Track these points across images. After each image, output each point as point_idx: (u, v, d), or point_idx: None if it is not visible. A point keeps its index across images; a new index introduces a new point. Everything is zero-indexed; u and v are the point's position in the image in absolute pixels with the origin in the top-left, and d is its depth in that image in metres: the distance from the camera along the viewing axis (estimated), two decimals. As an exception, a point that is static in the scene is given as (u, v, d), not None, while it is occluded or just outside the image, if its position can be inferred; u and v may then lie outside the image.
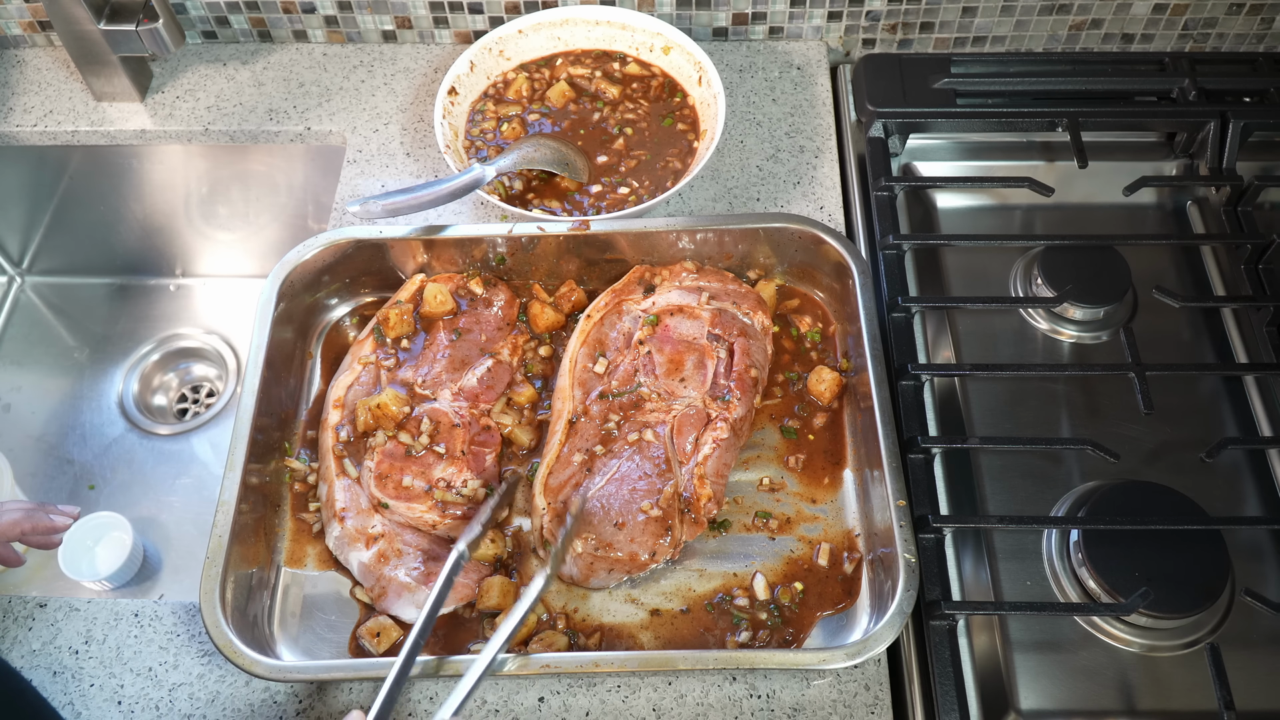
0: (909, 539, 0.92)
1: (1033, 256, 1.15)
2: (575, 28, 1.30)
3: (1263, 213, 1.19)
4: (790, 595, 0.98)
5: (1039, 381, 1.09)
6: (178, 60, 1.37)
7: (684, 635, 0.96)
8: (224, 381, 1.40)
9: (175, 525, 1.25)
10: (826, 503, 1.03)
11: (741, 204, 1.22)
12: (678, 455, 1.01)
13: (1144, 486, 0.99)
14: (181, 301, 1.47)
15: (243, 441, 1.00)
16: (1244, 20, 1.31)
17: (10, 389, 1.39)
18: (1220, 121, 1.21)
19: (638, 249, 1.13)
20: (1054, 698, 0.91)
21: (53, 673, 0.95)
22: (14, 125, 1.32)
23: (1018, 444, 1.03)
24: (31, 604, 0.99)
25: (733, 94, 1.31)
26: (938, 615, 0.91)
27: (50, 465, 1.32)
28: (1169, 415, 1.05)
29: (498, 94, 1.28)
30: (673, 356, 1.07)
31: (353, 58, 1.37)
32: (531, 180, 1.21)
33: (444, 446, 1.03)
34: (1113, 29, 1.33)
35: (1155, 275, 1.15)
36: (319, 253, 1.11)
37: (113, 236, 1.44)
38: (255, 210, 1.41)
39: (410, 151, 1.28)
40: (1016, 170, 1.21)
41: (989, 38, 1.35)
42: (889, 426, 0.98)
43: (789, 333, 1.14)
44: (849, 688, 0.92)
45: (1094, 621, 0.94)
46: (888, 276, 1.12)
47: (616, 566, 0.96)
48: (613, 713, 0.92)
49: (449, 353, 1.09)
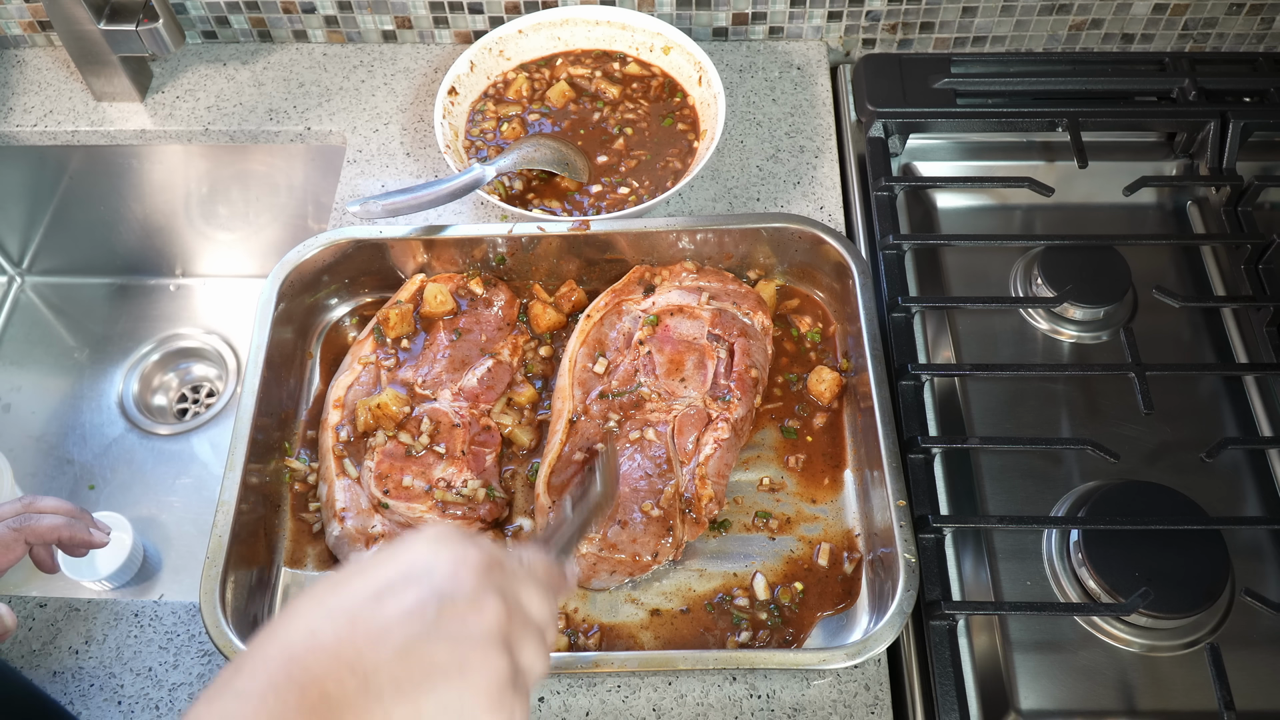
0: (909, 539, 0.92)
1: (1033, 256, 1.15)
2: (575, 28, 1.30)
3: (1263, 213, 1.19)
4: (790, 595, 0.98)
5: (1039, 381, 1.09)
6: (178, 60, 1.37)
7: (684, 635, 0.96)
8: (224, 381, 1.41)
9: (175, 525, 1.25)
10: (826, 503, 1.04)
11: (741, 204, 1.22)
12: (679, 455, 1.01)
13: (1144, 486, 0.99)
14: (181, 301, 1.47)
15: (243, 441, 1.00)
16: (1244, 20, 1.32)
17: (10, 389, 1.39)
18: (1220, 121, 1.21)
19: (638, 249, 1.13)
20: (1054, 698, 0.91)
21: (52, 673, 0.95)
22: (14, 125, 1.32)
23: (1018, 444, 1.03)
24: (31, 604, 0.99)
25: (733, 94, 1.31)
26: (938, 615, 0.91)
27: (50, 465, 1.32)
28: (1169, 415, 1.05)
29: (498, 94, 1.28)
30: (673, 356, 1.07)
31: (353, 58, 1.37)
32: (531, 180, 1.21)
33: (444, 446, 1.03)
34: (1113, 29, 1.33)
35: (1155, 275, 1.15)
36: (319, 253, 1.11)
37: (113, 236, 1.44)
38: (255, 210, 1.41)
39: (410, 151, 1.28)
40: (1016, 170, 1.21)
41: (989, 38, 1.35)
42: (889, 426, 0.98)
43: (789, 333, 1.14)
44: (849, 688, 0.93)
45: (1094, 621, 0.94)
46: (888, 276, 1.12)
47: (619, 568, 0.96)
48: (613, 713, 0.92)
49: (449, 353, 1.09)
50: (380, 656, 0.50)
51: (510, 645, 0.54)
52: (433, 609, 0.52)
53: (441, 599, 0.53)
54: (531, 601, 0.58)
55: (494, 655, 0.53)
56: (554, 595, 0.62)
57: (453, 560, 0.55)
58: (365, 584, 0.54)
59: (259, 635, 0.54)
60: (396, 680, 0.50)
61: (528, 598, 0.58)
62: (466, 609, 0.53)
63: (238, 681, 0.50)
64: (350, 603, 0.53)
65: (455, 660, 0.52)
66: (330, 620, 0.52)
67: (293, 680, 0.49)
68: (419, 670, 0.51)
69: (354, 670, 0.50)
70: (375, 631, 0.51)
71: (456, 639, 0.52)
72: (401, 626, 0.52)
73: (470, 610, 0.53)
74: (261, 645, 0.52)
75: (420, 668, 0.51)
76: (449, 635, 0.52)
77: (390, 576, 0.54)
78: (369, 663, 0.50)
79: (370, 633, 0.51)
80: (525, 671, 0.56)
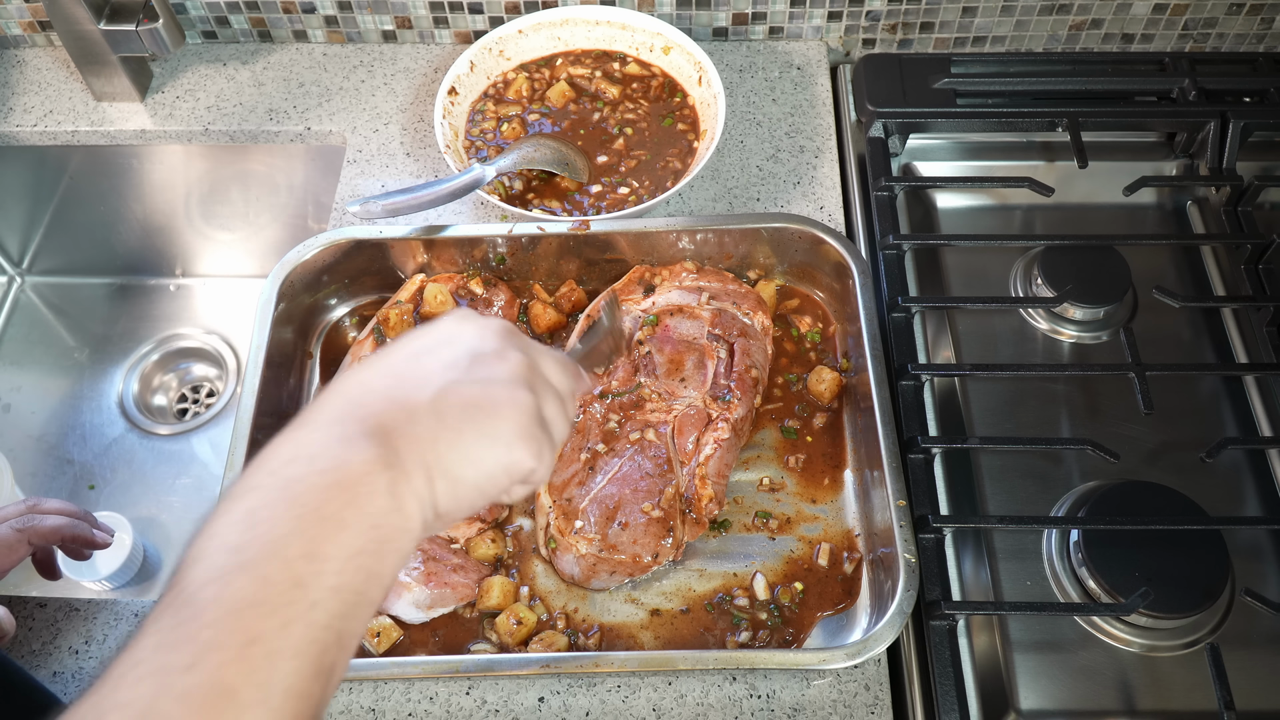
0: (909, 539, 0.92)
1: (1033, 256, 1.15)
2: (575, 28, 1.30)
3: (1263, 213, 1.19)
4: (790, 595, 0.98)
5: (1039, 381, 1.09)
6: (178, 60, 1.37)
7: (684, 635, 0.96)
8: (224, 381, 1.41)
9: (175, 525, 1.25)
10: (826, 503, 1.04)
11: (741, 204, 1.22)
12: (679, 455, 1.01)
13: (1144, 486, 0.99)
14: (181, 301, 1.47)
15: (243, 441, 0.99)
16: (1244, 20, 1.31)
17: (10, 389, 1.39)
18: (1220, 121, 1.21)
19: (638, 249, 1.13)
20: (1054, 698, 0.91)
21: (53, 673, 0.95)
22: (14, 125, 1.32)
23: (1018, 444, 1.03)
24: (31, 604, 0.99)
25: (733, 94, 1.31)
26: (938, 615, 0.91)
27: (50, 465, 1.32)
28: (1169, 415, 1.05)
29: (498, 94, 1.28)
30: (673, 356, 1.07)
31: (353, 58, 1.37)
32: (531, 180, 1.21)
33: (444, 446, 1.03)
34: (1113, 29, 1.33)
35: (1155, 275, 1.15)
36: (319, 253, 1.11)
37: (113, 236, 1.44)
38: (255, 210, 1.41)
39: (410, 151, 1.28)
40: (1016, 170, 1.21)
41: (989, 38, 1.35)
42: (889, 427, 0.98)
43: (789, 333, 1.14)
44: (849, 688, 0.93)
45: (1094, 621, 0.94)
46: (888, 276, 1.12)
47: (619, 569, 0.96)
48: (613, 713, 0.92)
49: (449, 353, 1.09)
50: (423, 396, 0.59)
51: (534, 389, 0.62)
52: (465, 360, 0.61)
53: (472, 353, 0.62)
54: (550, 368, 0.66)
55: (520, 393, 0.61)
56: (570, 377, 0.69)
57: (480, 327, 0.64)
58: (406, 348, 0.63)
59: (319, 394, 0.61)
60: (440, 413, 0.58)
61: (546, 364, 0.66)
62: (493, 358, 0.62)
63: (307, 418, 0.58)
64: (395, 361, 0.62)
65: (487, 396, 0.60)
66: (379, 375, 0.61)
67: (352, 415, 0.57)
68: (456, 405, 0.59)
69: (403, 407, 0.58)
70: (418, 379, 0.60)
71: (486, 381, 0.61)
72: (439, 375, 0.60)
73: (496, 359, 0.62)
74: (323, 397, 0.60)
75: (457, 403, 0.59)
76: (479, 379, 0.61)
77: (427, 342, 0.63)
78: (414, 402, 0.59)
79: (414, 380, 0.60)
80: (548, 421, 0.63)
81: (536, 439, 0.61)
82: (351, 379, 0.61)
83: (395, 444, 0.56)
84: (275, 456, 0.55)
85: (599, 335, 0.86)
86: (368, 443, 0.55)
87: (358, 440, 0.55)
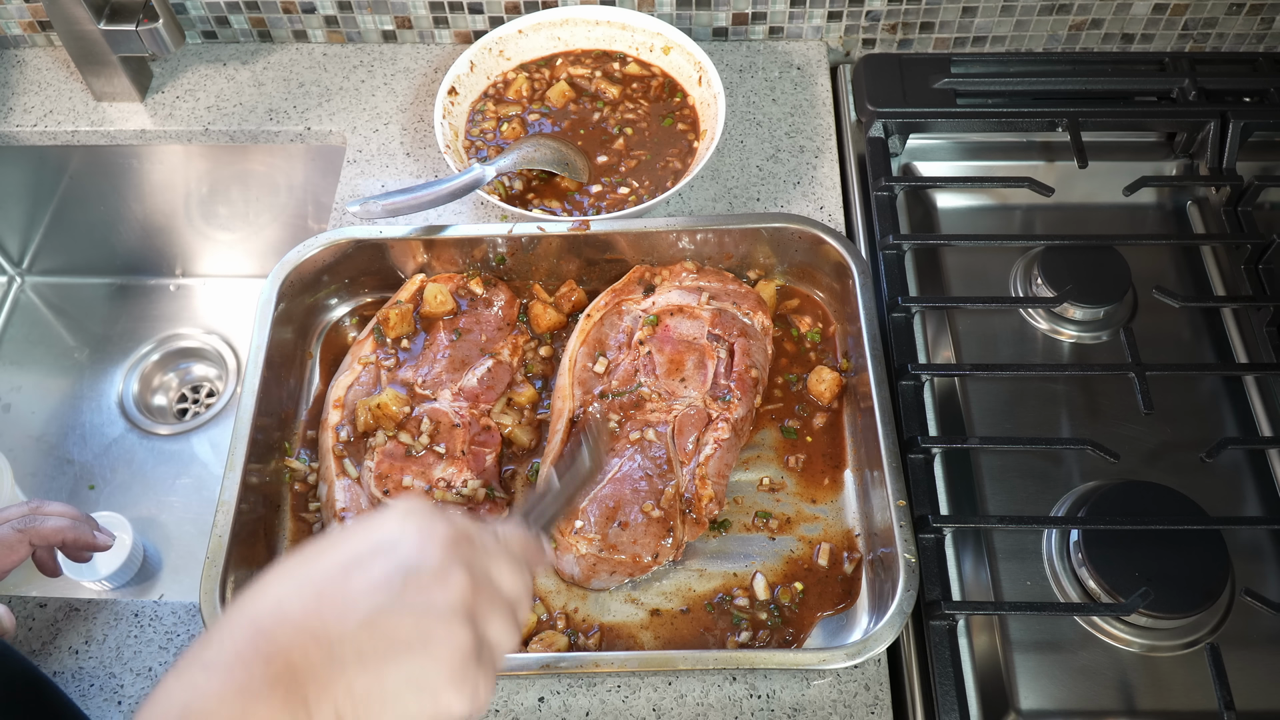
0: (909, 539, 0.92)
1: (1033, 256, 1.15)
2: (575, 28, 1.30)
3: (1263, 213, 1.19)
4: (790, 595, 0.98)
5: (1039, 381, 1.09)
6: (178, 60, 1.37)
7: (684, 635, 0.96)
8: (224, 381, 1.41)
9: (175, 525, 1.25)
10: (826, 503, 1.04)
11: (741, 204, 1.22)
12: (679, 455, 1.01)
13: (1144, 486, 0.99)
14: (181, 301, 1.47)
15: (243, 441, 1.00)
16: (1244, 20, 1.32)
17: (10, 389, 1.39)
18: (1220, 121, 1.21)
19: (638, 249, 1.13)
20: (1054, 698, 0.91)
21: (53, 673, 0.95)
22: (14, 125, 1.32)
23: (1018, 444, 1.03)
24: (31, 604, 0.99)
25: (733, 94, 1.31)
26: (938, 615, 0.91)
27: (50, 465, 1.32)
28: (1169, 415, 1.05)
29: (498, 94, 1.28)
30: (673, 356, 1.07)
31: (353, 58, 1.37)
32: (531, 180, 1.21)
33: (444, 446, 1.03)
34: (1113, 29, 1.33)
35: (1155, 275, 1.15)
36: (319, 253, 1.11)
37: (113, 236, 1.44)
38: (255, 210, 1.41)
39: (410, 151, 1.28)
40: (1016, 170, 1.21)
41: (989, 38, 1.35)
42: (889, 427, 0.98)
43: (789, 333, 1.14)
44: (849, 688, 0.93)
45: (1094, 621, 0.94)
46: (888, 276, 1.12)
47: (619, 569, 0.96)
48: (613, 713, 0.92)
49: (449, 353, 1.09)
50: (345, 627, 0.51)
51: (475, 618, 0.54)
52: (398, 581, 0.53)
53: (407, 571, 0.54)
54: (502, 576, 0.58)
55: (457, 628, 0.53)
56: (528, 570, 0.62)
57: (420, 534, 0.55)
58: (334, 556, 0.55)
59: (229, 608, 0.54)
60: (360, 651, 0.51)
61: (498, 572, 0.58)
62: (431, 581, 0.54)
63: (206, 654, 0.51)
64: (318, 574, 0.54)
65: (418, 632, 0.52)
66: (298, 592, 0.53)
67: (259, 652, 0.50)
68: (382, 641, 0.51)
69: (319, 641, 0.51)
70: (341, 603, 0.52)
71: (420, 611, 0.53)
72: (367, 598, 0.52)
73: (435, 583, 0.54)
74: (230, 618, 0.53)
75: (384, 638, 0.52)
76: (413, 607, 0.53)
77: (358, 549, 0.55)
78: (334, 633, 0.51)
79: (336, 604, 0.52)
80: (491, 645, 0.56)
81: (470, 680, 0.54)
82: (265, 595, 0.53)
83: (304, 691, 0.50)
84: (169, 703, 0.49)
85: (578, 475, 0.77)
86: (272, 692, 0.49)
87: (261, 690, 0.49)
